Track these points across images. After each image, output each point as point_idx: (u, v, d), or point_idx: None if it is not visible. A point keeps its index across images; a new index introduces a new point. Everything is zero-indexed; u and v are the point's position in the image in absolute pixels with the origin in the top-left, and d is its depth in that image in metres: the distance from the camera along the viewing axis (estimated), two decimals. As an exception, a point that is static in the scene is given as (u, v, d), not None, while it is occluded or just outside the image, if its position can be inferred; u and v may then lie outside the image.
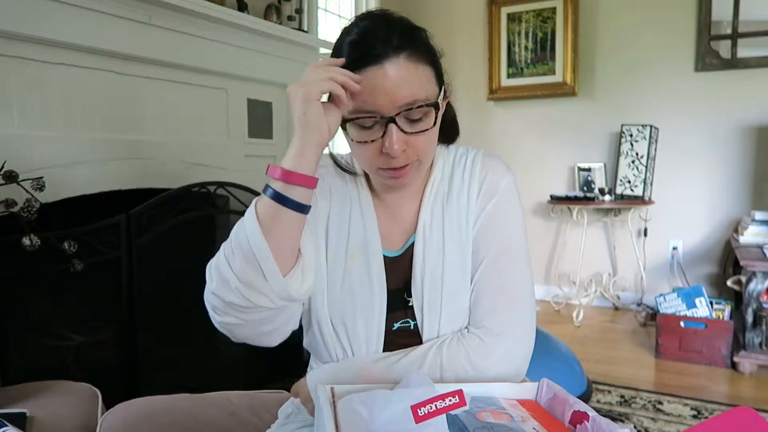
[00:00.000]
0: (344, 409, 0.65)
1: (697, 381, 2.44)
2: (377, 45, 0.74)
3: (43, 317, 1.67)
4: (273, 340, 0.82)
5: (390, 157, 0.77)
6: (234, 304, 0.74)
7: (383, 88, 0.74)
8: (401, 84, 0.74)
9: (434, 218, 0.87)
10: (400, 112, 0.75)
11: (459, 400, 0.60)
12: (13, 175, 1.43)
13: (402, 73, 0.74)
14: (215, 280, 0.75)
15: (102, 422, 1.00)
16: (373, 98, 0.74)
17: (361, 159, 0.83)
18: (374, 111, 0.75)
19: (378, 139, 0.76)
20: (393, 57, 0.74)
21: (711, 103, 3.29)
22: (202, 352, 2.03)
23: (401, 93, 0.74)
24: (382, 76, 0.74)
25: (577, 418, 0.64)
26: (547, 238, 3.80)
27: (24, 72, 1.63)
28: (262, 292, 0.72)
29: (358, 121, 0.76)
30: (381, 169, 0.80)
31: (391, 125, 0.75)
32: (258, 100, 2.53)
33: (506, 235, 0.86)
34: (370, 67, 0.74)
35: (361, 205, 0.89)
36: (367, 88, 0.74)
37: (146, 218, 1.80)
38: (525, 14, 3.69)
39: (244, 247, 0.72)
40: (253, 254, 0.71)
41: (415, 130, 0.77)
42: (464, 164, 0.90)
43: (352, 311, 0.84)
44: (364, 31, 0.76)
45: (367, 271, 0.85)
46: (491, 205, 0.86)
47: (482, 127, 3.90)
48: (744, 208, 3.25)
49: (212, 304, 0.78)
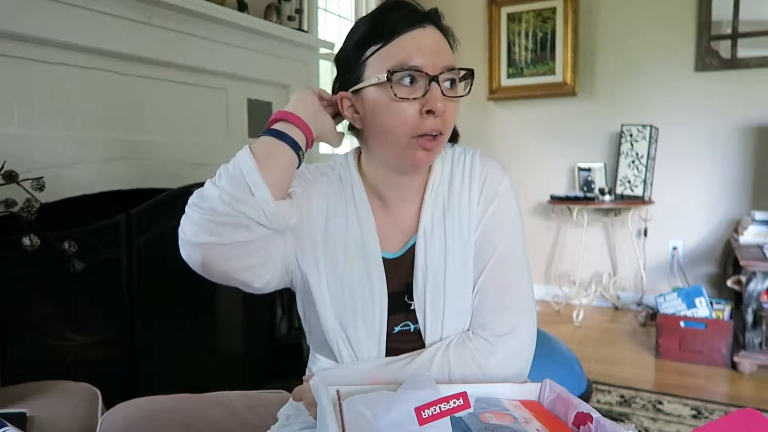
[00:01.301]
0: (347, 410, 0.65)
1: (697, 381, 2.44)
2: (419, 10, 0.80)
3: (43, 317, 1.67)
4: (249, 281, 0.79)
5: (432, 116, 0.78)
6: (216, 211, 0.72)
7: (428, 47, 0.78)
8: (443, 48, 0.80)
9: (435, 220, 0.87)
10: (444, 71, 0.78)
11: (463, 403, 0.60)
12: (13, 175, 1.43)
13: (442, 40, 0.81)
14: (195, 198, 0.75)
15: (102, 422, 1.00)
16: (418, 54, 0.77)
17: (398, 123, 0.78)
18: (419, 67, 0.77)
19: (420, 97, 0.78)
20: (429, 26, 0.80)
21: (711, 103, 3.29)
22: (202, 352, 2.03)
23: (443, 56, 0.79)
24: (427, 37, 0.79)
25: (581, 419, 0.64)
26: (547, 238, 3.80)
27: (24, 72, 1.63)
28: (247, 203, 0.72)
29: (401, 80, 0.77)
30: (416, 137, 0.79)
31: (434, 83, 0.77)
32: (258, 100, 2.52)
33: (508, 238, 0.86)
34: (415, 27, 0.78)
35: (357, 206, 0.88)
36: (412, 46, 0.77)
37: (146, 218, 1.79)
38: (525, 14, 3.69)
39: (231, 170, 0.74)
40: (240, 171, 0.73)
41: (453, 94, 0.80)
42: (463, 164, 0.90)
43: (353, 314, 0.83)
44: (393, 5, 0.81)
45: (367, 274, 0.84)
46: (492, 208, 0.86)
47: (482, 127, 3.90)
48: (744, 208, 3.25)
49: (190, 219, 0.75)
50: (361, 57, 0.80)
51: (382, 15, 0.81)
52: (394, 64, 0.77)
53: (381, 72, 0.78)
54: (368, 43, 0.80)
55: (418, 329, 0.85)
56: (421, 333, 0.85)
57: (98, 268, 1.67)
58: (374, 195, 0.89)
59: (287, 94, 2.70)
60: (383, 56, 0.78)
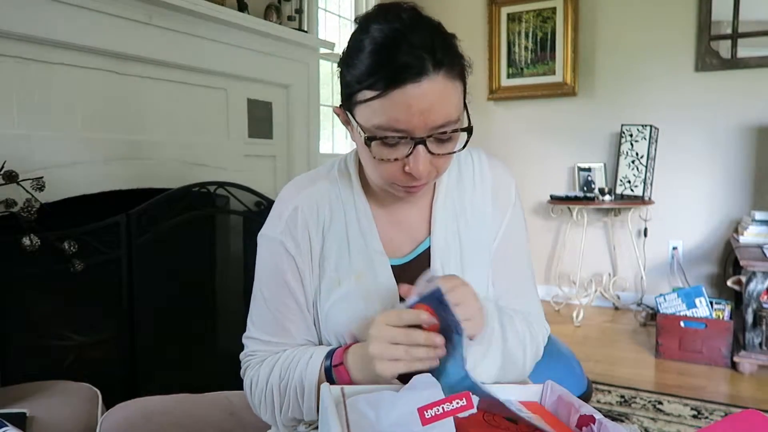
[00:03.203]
0: (350, 409, 0.65)
1: (697, 381, 2.44)
2: (417, 58, 0.66)
3: (43, 317, 1.67)
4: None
5: (413, 177, 0.72)
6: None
7: (419, 107, 0.67)
8: (437, 104, 0.67)
9: (448, 225, 0.86)
10: (432, 134, 0.69)
11: (467, 403, 0.60)
12: (13, 175, 1.43)
13: (439, 92, 0.67)
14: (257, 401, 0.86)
15: (102, 422, 1.00)
16: (407, 117, 0.67)
17: (378, 175, 0.76)
18: (405, 131, 0.68)
19: (402, 158, 0.71)
20: (433, 74, 0.66)
21: (711, 103, 3.29)
22: (202, 352, 2.03)
23: (436, 114, 0.68)
24: (420, 96, 0.66)
25: (584, 421, 0.64)
26: (547, 238, 3.80)
27: (24, 72, 1.63)
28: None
29: (386, 139, 0.70)
30: (397, 184, 0.76)
31: (420, 146, 0.69)
32: (258, 100, 2.52)
33: (522, 245, 0.91)
34: (408, 84, 0.66)
35: (357, 214, 0.85)
36: (400, 105, 0.67)
37: (146, 218, 1.79)
38: (525, 14, 3.69)
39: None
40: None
41: (443, 151, 0.72)
42: (472, 167, 0.89)
43: (367, 325, 0.83)
44: (398, 35, 0.67)
45: (375, 286, 0.82)
46: (508, 218, 0.89)
47: (482, 127, 3.89)
48: (744, 208, 3.24)
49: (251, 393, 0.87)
50: (352, 95, 0.71)
51: (384, 52, 0.68)
52: (378, 123, 0.69)
53: (367, 123, 0.70)
54: (360, 85, 0.69)
55: None
56: None
57: (98, 268, 1.67)
58: (376, 200, 0.86)
59: (287, 94, 2.71)
60: (371, 108, 0.69)
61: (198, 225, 2.10)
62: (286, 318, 0.84)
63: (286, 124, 2.70)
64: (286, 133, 2.71)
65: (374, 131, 0.70)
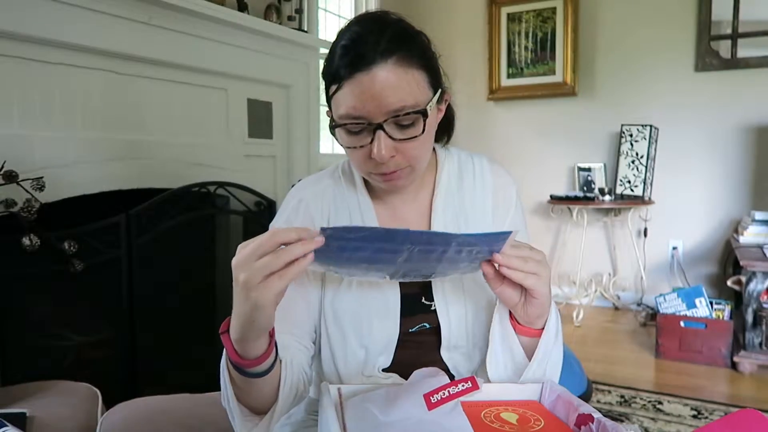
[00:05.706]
0: (353, 408, 0.65)
1: (697, 381, 2.44)
2: (366, 49, 0.72)
3: (43, 317, 1.67)
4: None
5: (378, 163, 0.76)
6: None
7: (370, 93, 0.72)
8: (389, 90, 0.72)
9: (447, 222, 0.88)
10: (388, 118, 0.73)
11: (472, 385, 0.60)
12: (13, 175, 1.43)
13: (390, 78, 0.72)
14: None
15: (102, 422, 1.00)
16: (361, 104, 0.73)
17: (356, 165, 0.83)
18: (362, 117, 0.74)
19: (366, 144, 0.75)
20: (381, 62, 0.72)
21: (711, 103, 3.29)
22: (202, 352, 2.02)
23: (389, 99, 0.72)
24: (370, 82, 0.72)
25: (582, 420, 0.64)
26: (547, 238, 3.80)
27: (24, 72, 1.63)
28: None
29: (347, 126, 0.75)
30: (372, 173, 0.80)
31: (379, 132, 0.74)
32: (258, 100, 2.52)
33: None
34: (358, 72, 0.72)
35: (361, 211, 0.88)
36: (355, 94, 0.73)
37: (146, 218, 1.79)
38: (525, 14, 3.69)
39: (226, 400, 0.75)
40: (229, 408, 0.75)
41: (405, 136, 0.75)
42: (473, 171, 0.91)
43: (368, 321, 0.83)
44: (355, 35, 0.75)
45: (378, 282, 0.83)
46: (509, 221, 0.89)
47: (482, 127, 3.89)
48: (744, 208, 3.25)
49: None
50: (327, 94, 0.79)
51: (342, 51, 0.75)
52: (340, 114, 0.75)
53: (336, 115, 0.77)
54: (329, 83, 0.77)
55: (434, 327, 0.86)
56: (437, 329, 0.86)
57: (98, 268, 1.67)
58: (377, 197, 0.90)
59: (287, 94, 2.71)
60: (336, 102, 0.76)
61: (198, 225, 2.10)
62: (288, 305, 0.84)
63: (286, 124, 2.70)
64: (286, 134, 2.72)
65: (337, 121, 0.76)
